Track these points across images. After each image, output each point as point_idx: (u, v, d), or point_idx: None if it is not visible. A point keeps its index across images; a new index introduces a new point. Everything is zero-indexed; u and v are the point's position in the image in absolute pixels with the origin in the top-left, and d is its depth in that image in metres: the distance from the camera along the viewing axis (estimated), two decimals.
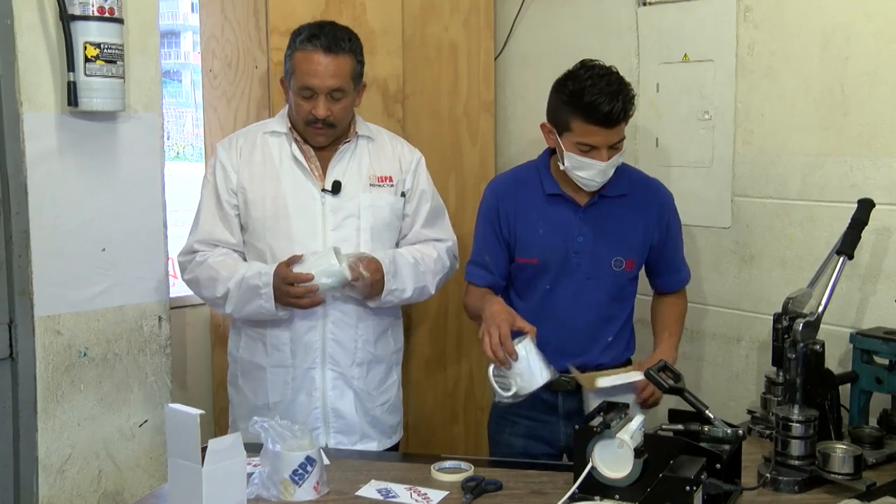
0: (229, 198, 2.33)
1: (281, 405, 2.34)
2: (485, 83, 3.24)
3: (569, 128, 2.20)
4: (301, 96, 2.26)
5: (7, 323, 2.28)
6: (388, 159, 2.41)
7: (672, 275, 2.45)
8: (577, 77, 2.19)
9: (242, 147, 2.35)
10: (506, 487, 1.94)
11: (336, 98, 2.26)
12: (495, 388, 2.09)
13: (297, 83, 2.26)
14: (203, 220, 2.34)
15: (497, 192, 2.40)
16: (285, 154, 2.34)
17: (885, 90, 2.35)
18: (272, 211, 2.30)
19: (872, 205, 2.27)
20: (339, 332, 2.33)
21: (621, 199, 2.32)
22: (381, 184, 2.36)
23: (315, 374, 2.33)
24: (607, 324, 2.34)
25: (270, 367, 2.35)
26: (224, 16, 2.91)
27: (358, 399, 2.38)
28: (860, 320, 2.42)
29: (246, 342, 2.40)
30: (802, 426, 1.95)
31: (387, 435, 2.47)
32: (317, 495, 1.89)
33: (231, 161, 2.34)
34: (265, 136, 2.36)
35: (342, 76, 2.25)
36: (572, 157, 2.21)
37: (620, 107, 2.14)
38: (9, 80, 2.22)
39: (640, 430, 1.84)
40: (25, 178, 2.26)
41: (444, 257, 2.43)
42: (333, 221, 2.31)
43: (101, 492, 2.45)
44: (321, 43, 2.23)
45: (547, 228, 2.32)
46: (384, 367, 2.44)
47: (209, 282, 2.29)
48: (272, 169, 2.33)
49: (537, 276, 2.33)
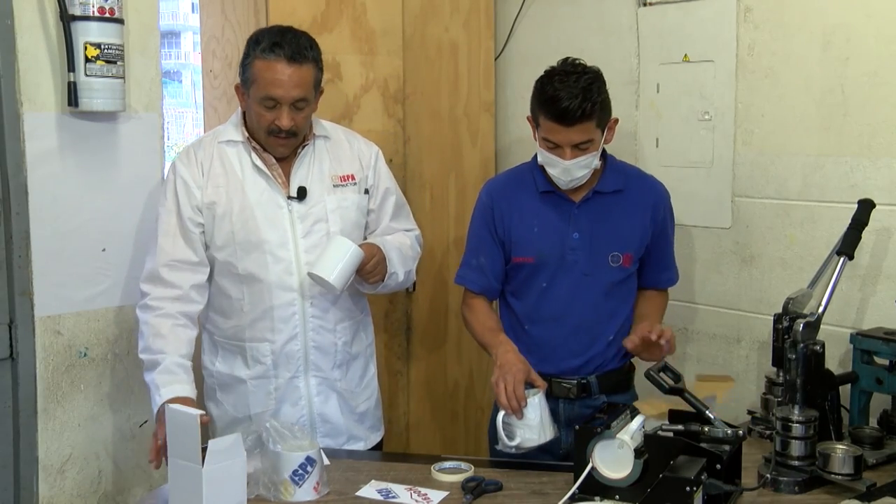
0: (193, 215, 2.24)
1: (264, 416, 2.27)
2: (485, 83, 3.24)
3: (537, 123, 2.22)
4: (263, 106, 2.18)
5: (7, 323, 2.28)
6: (348, 157, 2.37)
7: (660, 272, 2.42)
8: (550, 73, 2.20)
9: (203, 161, 2.27)
10: (506, 488, 1.94)
11: (299, 108, 2.19)
12: (501, 435, 2.09)
13: (258, 93, 2.18)
14: (163, 242, 2.24)
15: (492, 192, 2.40)
16: (246, 164, 2.26)
17: (886, 91, 2.35)
18: (240, 223, 2.23)
19: (872, 205, 2.27)
20: (320, 338, 2.30)
21: (616, 195, 2.31)
22: (343, 183, 2.33)
23: (299, 382, 2.30)
24: (608, 321, 2.33)
25: (251, 380, 2.30)
26: (224, 16, 2.91)
27: (342, 399, 2.36)
28: (860, 321, 2.42)
29: (223, 355, 2.34)
30: (802, 427, 1.95)
31: (375, 429, 2.46)
32: (317, 496, 1.89)
33: (193, 177, 2.25)
34: (221, 146, 2.28)
35: (305, 86, 2.18)
36: (542, 152, 2.24)
37: (578, 105, 2.11)
38: (9, 81, 2.22)
39: (640, 430, 1.84)
40: (26, 178, 2.26)
41: (416, 246, 2.45)
42: (303, 228, 2.26)
43: (101, 492, 2.45)
44: (284, 52, 2.15)
45: (542, 226, 2.32)
46: (361, 363, 2.43)
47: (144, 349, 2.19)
48: (235, 180, 2.25)
49: (534, 275, 2.33)
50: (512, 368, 2.12)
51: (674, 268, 2.46)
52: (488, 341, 2.29)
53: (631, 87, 2.90)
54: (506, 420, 2.09)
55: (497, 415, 2.11)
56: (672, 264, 2.45)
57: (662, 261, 2.42)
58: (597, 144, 2.21)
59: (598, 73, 2.21)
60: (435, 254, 3.11)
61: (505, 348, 2.21)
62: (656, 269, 2.41)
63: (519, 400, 2.06)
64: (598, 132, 2.19)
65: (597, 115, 2.16)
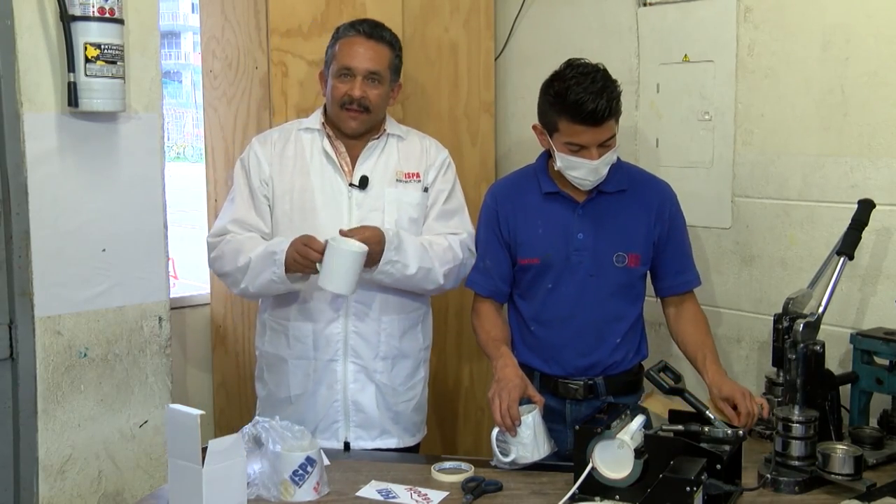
0: (261, 187, 2.36)
1: (303, 398, 2.35)
2: (485, 83, 3.24)
3: (557, 128, 2.19)
4: (339, 79, 2.31)
5: (7, 323, 2.28)
6: (416, 156, 2.43)
7: (676, 275, 2.35)
8: (562, 77, 2.19)
9: (276, 141, 2.40)
10: (506, 488, 1.94)
11: (373, 81, 2.32)
12: (496, 451, 2.08)
13: (336, 66, 2.33)
14: (238, 205, 2.37)
15: (496, 196, 2.40)
16: (316, 149, 2.38)
17: (886, 91, 2.35)
18: (299, 204, 2.34)
19: (873, 205, 2.27)
20: (362, 324, 2.34)
21: (620, 195, 2.31)
22: (407, 180, 2.39)
23: (336, 366, 2.34)
24: (615, 324, 2.31)
25: (292, 360, 2.36)
26: (224, 16, 2.91)
27: (380, 393, 2.37)
28: (860, 321, 2.42)
29: (270, 335, 2.41)
30: (803, 427, 1.95)
31: (409, 433, 2.45)
32: (317, 496, 1.89)
33: (265, 153, 2.38)
34: (299, 133, 2.41)
35: (380, 61, 2.33)
36: (563, 157, 2.21)
37: (605, 104, 2.12)
38: (9, 81, 2.22)
39: (640, 430, 1.84)
40: (26, 178, 2.26)
41: (455, 248, 2.38)
42: (359, 215, 2.32)
43: (101, 492, 2.45)
44: (363, 28, 2.34)
45: (546, 227, 2.31)
46: (411, 363, 2.43)
47: (233, 254, 2.30)
48: (302, 164, 2.37)
49: (540, 277, 2.32)
50: (508, 385, 2.09)
51: (692, 270, 2.38)
52: (490, 352, 2.28)
53: (631, 87, 2.90)
54: (500, 438, 2.07)
55: (492, 431, 2.09)
56: (689, 266, 2.38)
57: (677, 263, 2.36)
58: (616, 139, 2.22)
59: (606, 70, 2.21)
60: None
61: (504, 362, 2.19)
62: (672, 273, 2.36)
63: (513, 419, 2.04)
64: (616, 127, 2.21)
65: (617, 111, 2.19)
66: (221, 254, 2.34)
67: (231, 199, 2.40)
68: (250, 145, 2.43)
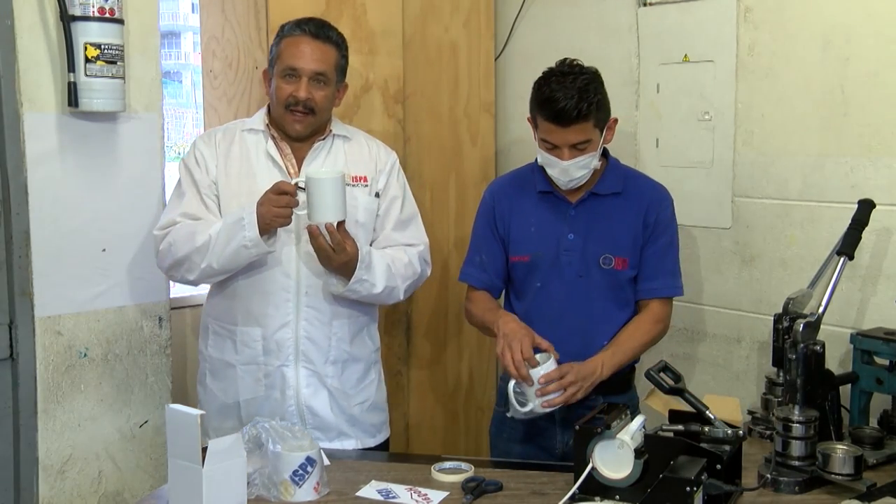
0: (209, 186, 2.31)
1: (253, 402, 2.32)
2: (485, 83, 3.24)
3: (536, 124, 2.23)
4: (284, 79, 2.26)
5: (7, 323, 2.28)
6: (364, 160, 2.39)
7: (645, 280, 2.30)
8: (548, 74, 2.20)
9: (221, 142, 2.34)
10: (506, 488, 1.94)
11: (318, 83, 2.27)
12: (513, 402, 2.09)
13: (280, 66, 2.27)
14: (188, 200, 2.29)
15: (494, 192, 2.42)
16: (261, 150, 2.33)
17: (886, 91, 2.35)
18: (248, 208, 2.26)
19: (873, 205, 2.27)
20: (313, 329, 2.31)
21: (614, 198, 2.31)
22: (354, 184, 2.34)
23: (288, 371, 2.31)
24: (603, 326, 2.31)
25: (240, 365, 2.32)
26: (224, 16, 2.91)
27: (332, 398, 2.35)
28: (860, 321, 2.42)
29: (214, 339, 2.37)
30: (803, 427, 1.95)
31: (369, 434, 2.44)
32: (317, 496, 1.88)
33: (211, 153, 2.32)
34: (243, 134, 2.35)
35: (326, 63, 2.28)
36: (541, 153, 2.25)
37: (575, 105, 2.11)
38: (9, 81, 2.22)
39: (640, 430, 1.84)
40: (26, 178, 2.26)
41: (414, 262, 2.39)
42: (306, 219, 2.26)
43: (101, 492, 2.45)
44: (308, 29, 2.28)
45: (539, 226, 2.32)
46: (362, 366, 2.41)
47: (186, 237, 2.22)
48: (248, 167, 2.32)
49: (530, 275, 2.33)
50: (517, 335, 2.12)
51: (662, 278, 2.30)
52: (488, 318, 2.29)
53: (631, 88, 2.90)
54: (516, 389, 2.09)
55: (508, 384, 2.11)
56: (661, 274, 2.30)
57: (649, 268, 2.30)
58: (595, 145, 2.21)
59: (595, 74, 2.21)
60: (435, 254, 3.10)
61: (506, 318, 2.22)
62: (642, 277, 2.31)
63: (530, 363, 2.06)
64: (595, 132, 2.19)
65: (594, 116, 2.16)
66: (172, 241, 2.25)
67: (179, 195, 2.32)
68: (194, 144, 2.37)
